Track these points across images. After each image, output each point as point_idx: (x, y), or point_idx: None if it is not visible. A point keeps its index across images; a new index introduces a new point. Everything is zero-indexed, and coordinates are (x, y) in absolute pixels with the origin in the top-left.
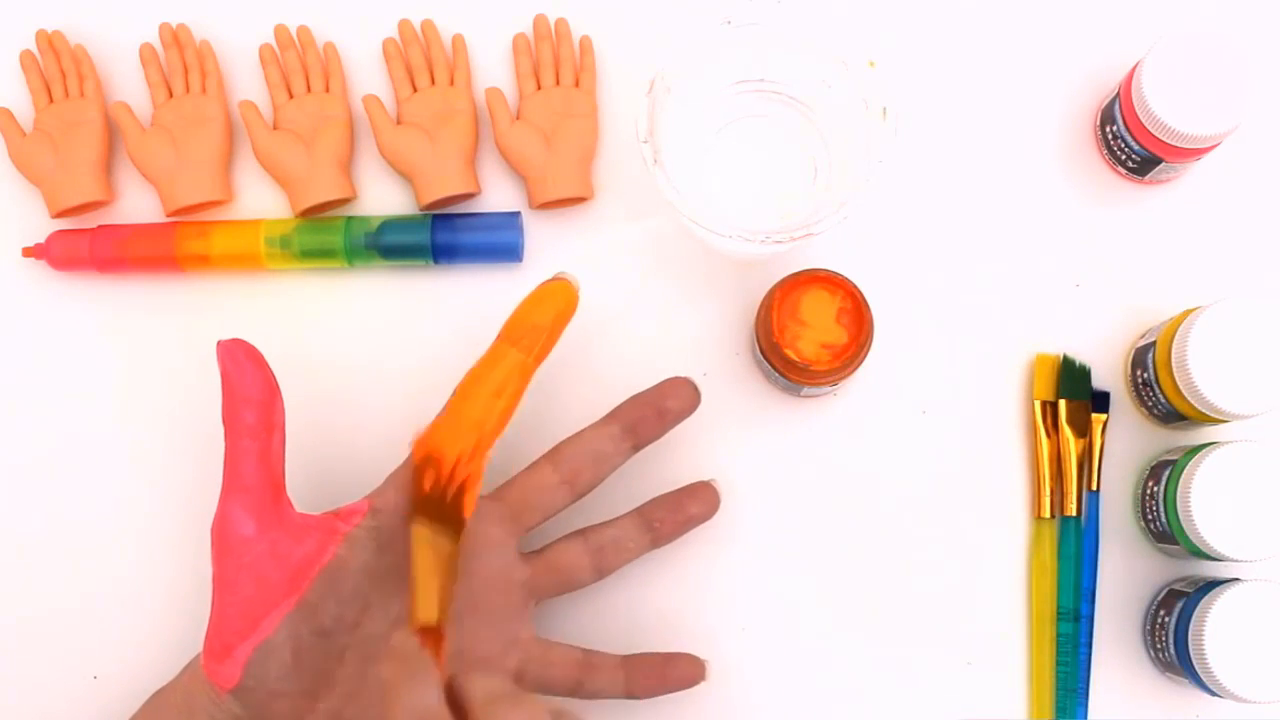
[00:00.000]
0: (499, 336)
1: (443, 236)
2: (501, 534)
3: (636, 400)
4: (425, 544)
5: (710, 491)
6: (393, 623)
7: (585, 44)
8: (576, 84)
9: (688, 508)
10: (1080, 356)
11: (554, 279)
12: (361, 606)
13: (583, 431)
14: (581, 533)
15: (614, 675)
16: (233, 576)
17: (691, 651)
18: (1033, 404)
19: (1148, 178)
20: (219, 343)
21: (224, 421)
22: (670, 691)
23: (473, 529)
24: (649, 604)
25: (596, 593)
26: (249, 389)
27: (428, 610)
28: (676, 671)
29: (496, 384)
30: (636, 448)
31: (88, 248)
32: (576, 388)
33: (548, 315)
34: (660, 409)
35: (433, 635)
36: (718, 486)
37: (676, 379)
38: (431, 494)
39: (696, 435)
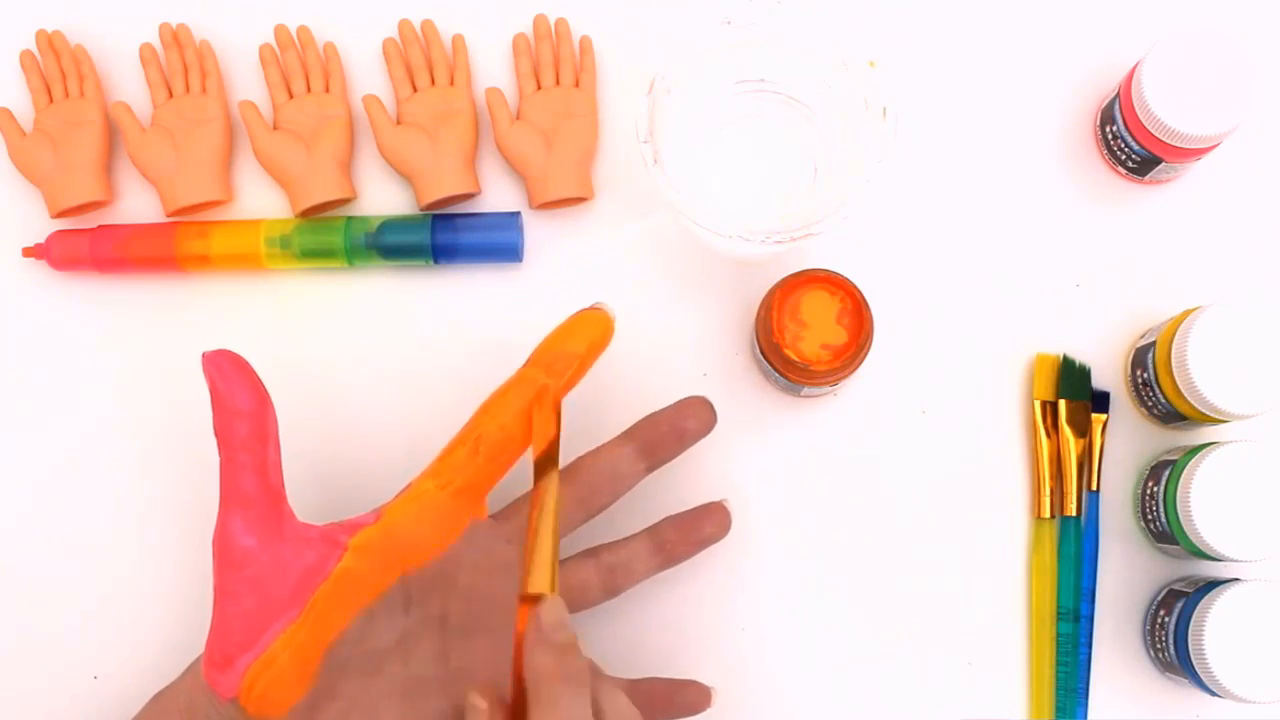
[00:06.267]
0: (529, 360)
1: (443, 236)
2: (512, 554)
3: (653, 420)
4: (551, 501)
5: (722, 512)
6: (396, 638)
7: (585, 44)
8: (576, 84)
9: (701, 528)
10: (1080, 356)
11: (591, 308)
12: (365, 620)
13: (598, 450)
14: (593, 552)
15: None
16: (234, 588)
17: (691, 651)
18: (1033, 404)
19: (1148, 178)
20: (204, 355)
21: (216, 436)
22: (676, 719)
23: (483, 548)
24: (650, 604)
25: None
26: (239, 401)
27: (542, 580)
28: (683, 699)
29: (521, 407)
30: (651, 468)
31: (88, 248)
32: (576, 388)
33: (581, 344)
34: (678, 429)
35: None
36: (729, 507)
37: (694, 398)
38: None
39: None
